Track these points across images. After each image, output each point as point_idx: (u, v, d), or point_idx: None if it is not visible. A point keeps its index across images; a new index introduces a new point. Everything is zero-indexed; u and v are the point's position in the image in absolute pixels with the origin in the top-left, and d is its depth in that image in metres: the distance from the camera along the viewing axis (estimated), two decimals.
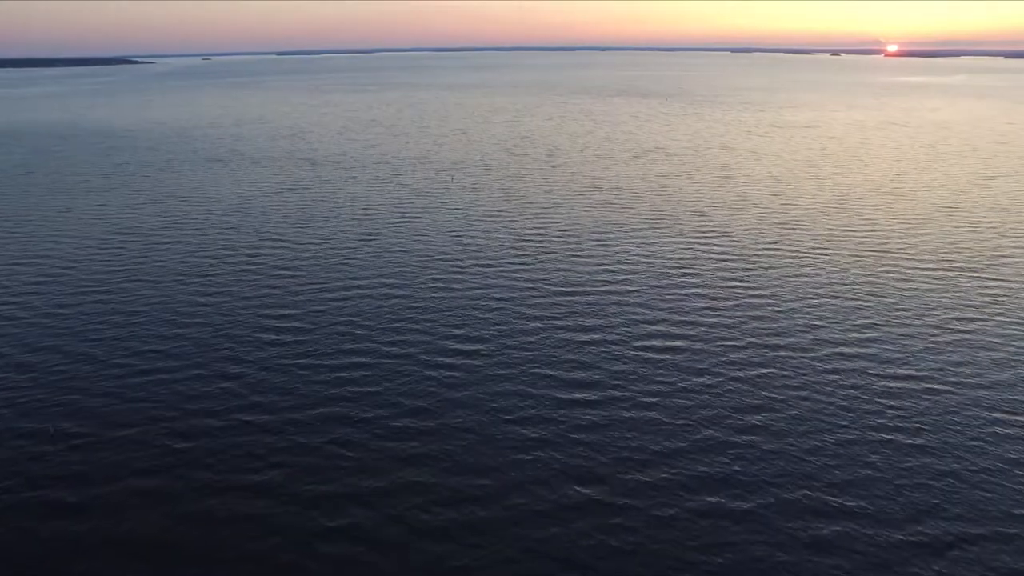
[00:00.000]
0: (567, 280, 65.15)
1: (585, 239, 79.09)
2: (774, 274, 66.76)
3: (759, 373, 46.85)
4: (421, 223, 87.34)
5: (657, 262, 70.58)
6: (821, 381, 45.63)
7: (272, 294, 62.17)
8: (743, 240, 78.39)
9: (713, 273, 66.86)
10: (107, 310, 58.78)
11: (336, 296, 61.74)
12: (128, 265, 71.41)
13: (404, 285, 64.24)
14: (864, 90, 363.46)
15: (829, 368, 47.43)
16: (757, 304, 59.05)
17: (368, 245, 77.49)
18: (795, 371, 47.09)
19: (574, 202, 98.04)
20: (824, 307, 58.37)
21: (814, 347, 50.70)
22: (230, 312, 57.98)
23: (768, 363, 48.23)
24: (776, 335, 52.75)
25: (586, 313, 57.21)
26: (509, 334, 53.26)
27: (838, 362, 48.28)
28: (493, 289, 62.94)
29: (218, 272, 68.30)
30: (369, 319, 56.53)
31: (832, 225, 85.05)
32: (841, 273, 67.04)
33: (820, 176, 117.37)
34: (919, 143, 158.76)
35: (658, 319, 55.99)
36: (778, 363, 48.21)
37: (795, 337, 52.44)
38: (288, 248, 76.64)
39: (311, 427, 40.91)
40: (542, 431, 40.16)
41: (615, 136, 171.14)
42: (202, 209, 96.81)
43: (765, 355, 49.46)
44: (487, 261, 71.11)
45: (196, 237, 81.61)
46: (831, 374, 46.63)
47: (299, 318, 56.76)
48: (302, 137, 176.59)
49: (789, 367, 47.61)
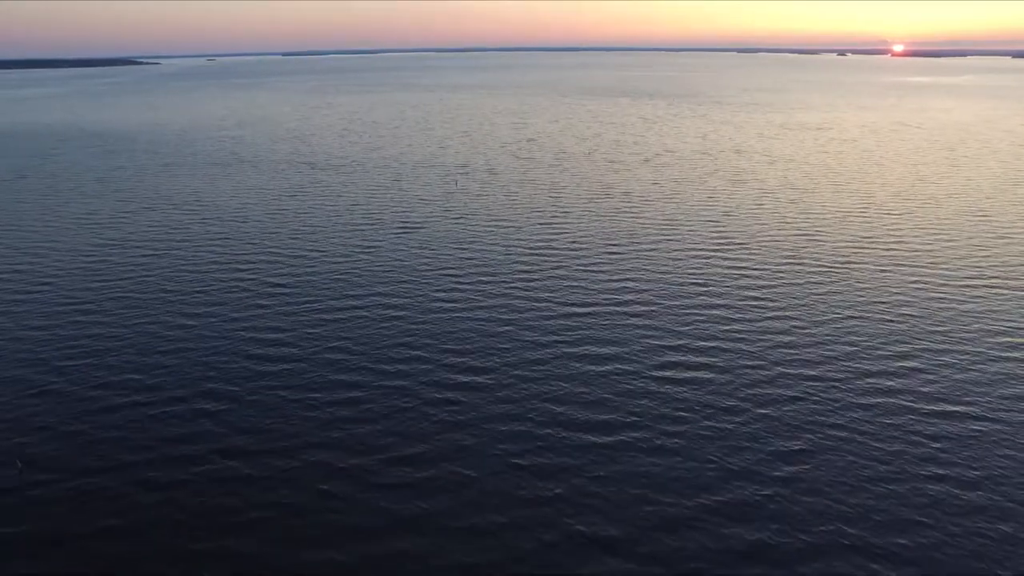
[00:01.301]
0: (577, 299, 61.08)
1: (595, 251, 75.02)
2: (798, 291, 62.59)
3: (790, 408, 42.72)
4: (422, 233, 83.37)
5: (673, 277, 66.46)
6: (859, 419, 41.44)
7: (261, 314, 58.18)
8: (762, 252, 74.21)
9: (733, 290, 62.71)
10: (81, 333, 54.82)
11: (329, 316, 57.78)
12: (110, 281, 67.53)
13: (403, 304, 60.22)
14: (873, 90, 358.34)
15: (867, 403, 43.24)
16: (782, 326, 54.89)
17: (366, 258, 73.53)
18: (830, 406, 42.95)
19: (583, 210, 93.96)
20: (854, 329, 54.18)
21: (848, 376, 46.53)
22: (215, 335, 54.03)
23: (799, 396, 44.10)
24: (806, 363, 48.59)
25: (599, 337, 53.12)
26: (516, 361, 49.22)
27: (876, 396, 44.07)
28: (498, 309, 58.93)
29: (205, 289, 64.39)
30: (364, 343, 52.55)
31: (855, 235, 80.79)
32: (869, 289, 62.84)
33: (838, 181, 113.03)
34: (937, 146, 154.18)
35: (676, 343, 51.88)
36: (810, 396, 44.09)
37: (826, 364, 48.27)
38: (281, 262, 72.71)
39: (294, 478, 36.89)
40: (553, 482, 36.07)
41: (623, 139, 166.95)
42: (195, 217, 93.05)
43: (795, 386, 45.34)
44: (492, 276, 67.09)
45: (185, 249, 77.79)
46: (869, 410, 42.47)
47: (289, 342, 52.77)
48: (304, 140, 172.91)
49: (823, 401, 43.46)
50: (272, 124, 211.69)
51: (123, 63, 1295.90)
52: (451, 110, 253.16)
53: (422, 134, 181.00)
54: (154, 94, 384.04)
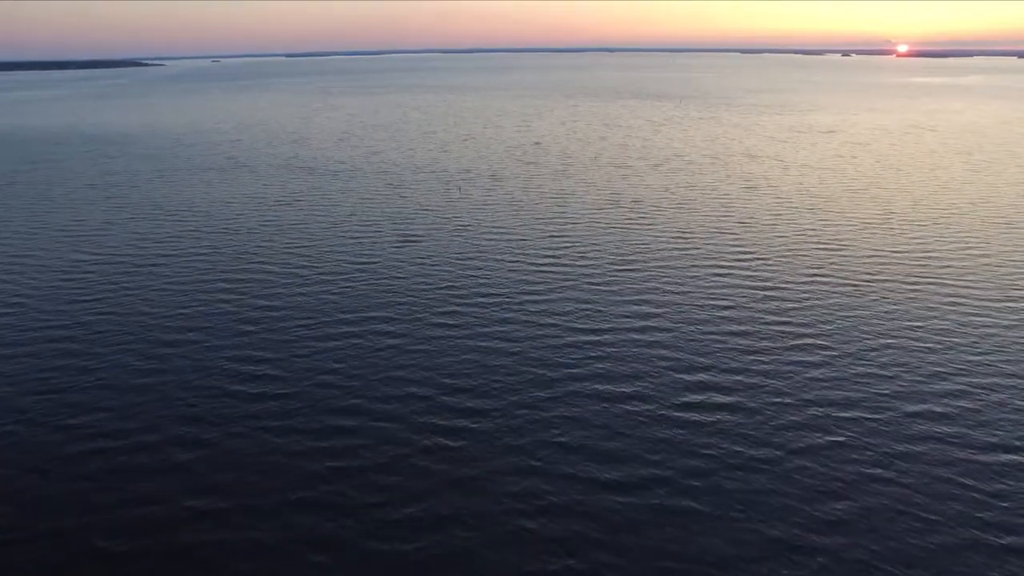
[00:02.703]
0: (587, 318, 56.63)
1: (605, 266, 70.56)
2: (824, 310, 58.06)
3: (828, 450, 38.24)
4: (422, 246, 78.99)
5: (689, 295, 61.98)
6: (907, 471, 36.95)
7: (246, 340, 53.73)
8: (784, 267, 69.67)
9: (756, 312, 58.16)
10: (46, 364, 50.27)
11: (321, 339, 53.43)
12: (90, 298, 63.28)
13: (399, 329, 55.77)
14: (881, 91, 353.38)
15: (913, 452, 38.74)
16: (812, 352, 50.36)
17: (361, 276, 69.14)
18: (871, 447, 38.46)
19: (591, 219, 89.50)
20: (890, 355, 49.65)
21: (889, 414, 41.99)
22: (194, 365, 49.64)
23: (837, 434, 39.62)
24: (841, 394, 44.11)
25: (612, 362, 48.66)
26: (522, 390, 44.85)
27: (923, 442, 39.53)
28: (502, 330, 54.51)
29: (186, 311, 59.99)
30: (358, 369, 48.21)
31: (879, 248, 76.20)
32: (901, 310, 58.29)
33: (855, 188, 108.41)
34: (954, 150, 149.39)
35: (697, 369, 47.42)
36: (849, 433, 39.61)
37: (863, 395, 43.75)
38: (270, 279, 68.32)
39: (276, 528, 32.64)
40: (565, 531, 31.74)
41: (630, 143, 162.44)
42: (185, 227, 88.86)
43: (831, 422, 40.87)
44: (495, 296, 62.68)
45: (169, 266, 73.47)
46: (916, 460, 37.97)
47: (276, 369, 48.41)
48: (303, 143, 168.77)
49: (864, 442, 38.97)
50: (271, 127, 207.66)
51: (129, 65, 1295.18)
52: (454, 112, 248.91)
53: (424, 137, 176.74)
54: (155, 96, 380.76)
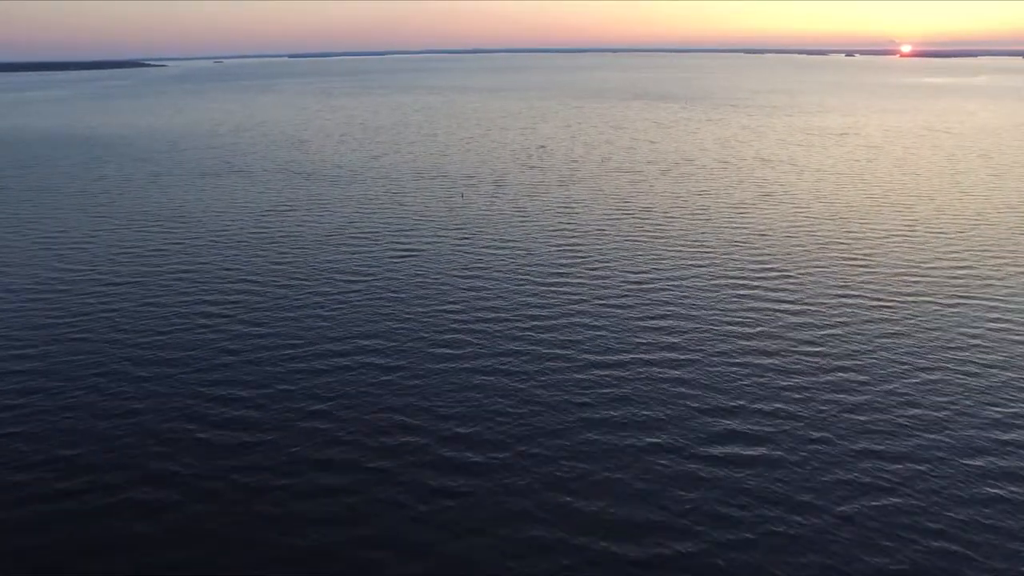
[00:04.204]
0: (599, 346, 52.13)
1: (617, 283, 66.12)
2: (858, 335, 53.50)
3: (877, 499, 33.81)
4: (421, 260, 74.56)
5: (710, 317, 57.48)
6: (965, 525, 32.50)
7: (226, 367, 49.31)
8: (809, 283, 65.13)
9: (783, 336, 53.56)
10: (11, 388, 46.17)
11: (308, 372, 48.88)
12: (59, 320, 58.73)
13: (395, 356, 51.28)
14: (889, 92, 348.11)
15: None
16: (850, 390, 45.86)
17: (355, 293, 64.71)
18: (925, 500, 34.02)
19: (601, 231, 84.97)
20: (935, 388, 45.15)
21: (939, 460, 37.55)
22: (168, 395, 45.27)
23: (884, 487, 35.16)
24: (884, 434, 39.63)
25: (628, 404, 44.24)
26: (529, 435, 40.43)
27: (976, 482, 35.10)
28: (507, 360, 50.04)
29: (166, 331, 55.62)
30: (347, 409, 43.69)
31: (908, 261, 71.61)
32: (938, 332, 53.74)
33: (874, 195, 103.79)
34: (972, 153, 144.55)
35: (724, 412, 42.91)
36: (898, 489, 35.16)
37: (910, 445, 39.31)
38: (258, 297, 63.82)
39: None
40: None
41: (637, 146, 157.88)
42: (171, 238, 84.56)
43: (875, 468, 36.42)
44: (499, 317, 58.21)
45: (153, 279, 69.19)
46: (973, 505, 33.52)
47: (255, 410, 43.92)
48: (301, 147, 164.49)
49: (911, 496, 34.50)
50: (270, 129, 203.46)
51: (131, 65, 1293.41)
52: (456, 114, 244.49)
53: (425, 140, 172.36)
54: (155, 98, 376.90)
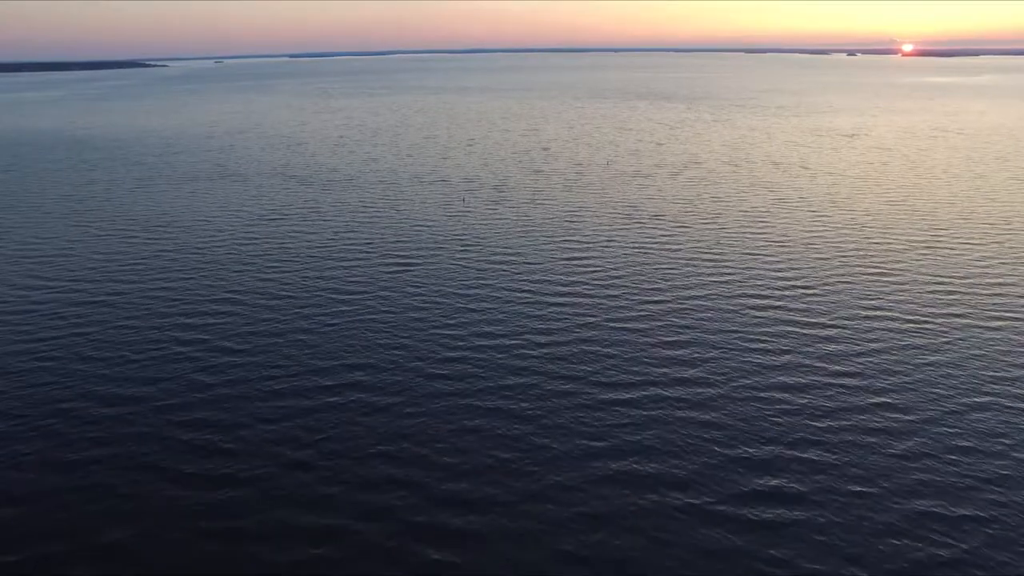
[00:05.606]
0: (611, 372, 47.55)
1: (628, 297, 61.63)
2: (893, 359, 48.91)
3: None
4: (419, 272, 70.04)
5: (732, 338, 52.91)
6: None
7: (201, 396, 44.66)
8: (834, 299, 60.58)
9: (813, 363, 49.02)
10: None
11: (291, 401, 44.43)
12: (26, 343, 54.13)
13: (389, 384, 46.68)
14: (895, 92, 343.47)
15: None
16: (893, 431, 41.40)
17: (347, 308, 60.18)
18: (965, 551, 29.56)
19: (609, 239, 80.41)
20: (982, 423, 40.69)
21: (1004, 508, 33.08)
22: (135, 428, 40.76)
23: (942, 543, 30.72)
24: (938, 489, 35.17)
25: (647, 452, 39.76)
26: (535, 477, 35.99)
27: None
28: (512, 389, 45.54)
29: (143, 351, 51.12)
30: (336, 445, 39.22)
31: (937, 273, 67.06)
32: (979, 356, 49.23)
33: (893, 199, 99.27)
34: (989, 155, 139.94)
35: (757, 462, 38.40)
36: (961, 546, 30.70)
37: (969, 494, 34.83)
38: (242, 314, 59.20)
39: None
40: None
41: (643, 148, 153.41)
42: (156, 248, 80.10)
43: (912, 512, 31.97)
44: (504, 340, 53.55)
45: (132, 293, 64.68)
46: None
47: (233, 442, 39.48)
48: (298, 149, 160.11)
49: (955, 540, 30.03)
50: (266, 131, 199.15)
51: (131, 65, 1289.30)
52: (457, 115, 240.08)
53: (425, 142, 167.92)
54: (153, 98, 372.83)
